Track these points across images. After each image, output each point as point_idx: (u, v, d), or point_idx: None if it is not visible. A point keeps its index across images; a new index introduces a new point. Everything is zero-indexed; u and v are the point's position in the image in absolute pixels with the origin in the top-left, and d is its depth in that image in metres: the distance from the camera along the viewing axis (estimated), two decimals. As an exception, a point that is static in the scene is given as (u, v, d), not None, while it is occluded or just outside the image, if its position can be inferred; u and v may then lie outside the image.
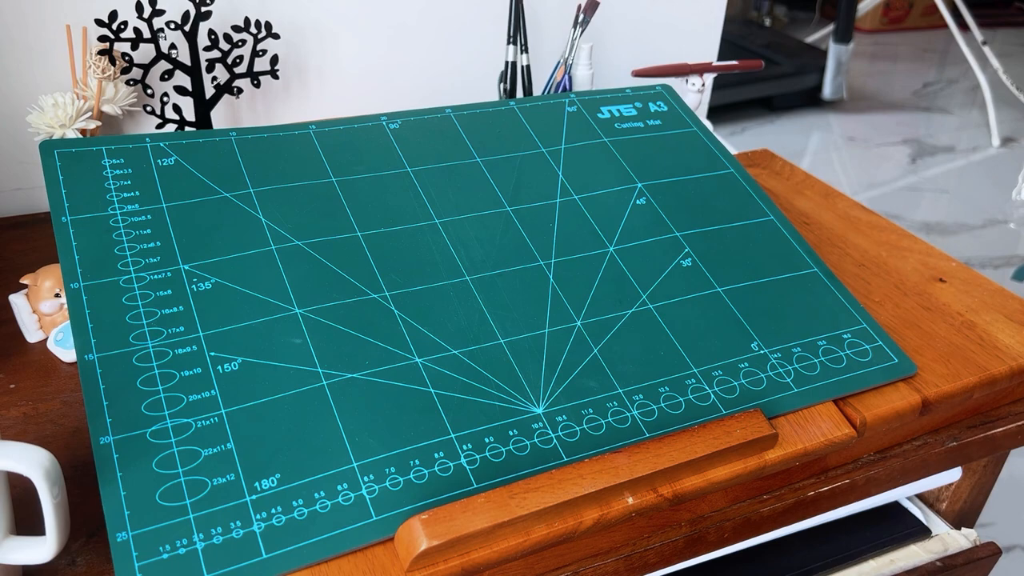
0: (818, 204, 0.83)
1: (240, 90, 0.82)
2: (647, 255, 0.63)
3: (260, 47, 0.78)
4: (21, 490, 0.46)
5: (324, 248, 0.59)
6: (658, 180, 0.69)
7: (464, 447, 0.50)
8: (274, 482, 0.47)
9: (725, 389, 0.56)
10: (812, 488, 0.59)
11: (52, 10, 0.76)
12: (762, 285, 0.63)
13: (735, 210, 0.69)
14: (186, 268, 0.55)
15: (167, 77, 0.76)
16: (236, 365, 0.51)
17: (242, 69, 0.79)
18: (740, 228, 0.67)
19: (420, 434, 0.50)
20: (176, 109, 0.78)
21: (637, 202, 0.67)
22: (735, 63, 0.91)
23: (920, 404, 0.58)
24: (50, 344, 0.62)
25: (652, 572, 0.56)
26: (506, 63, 0.87)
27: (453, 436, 0.51)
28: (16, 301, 0.64)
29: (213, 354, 0.52)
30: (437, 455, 0.50)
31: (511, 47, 0.87)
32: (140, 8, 0.73)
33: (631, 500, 0.50)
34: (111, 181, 0.59)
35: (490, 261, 0.61)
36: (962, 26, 2.60)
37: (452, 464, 0.49)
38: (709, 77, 0.95)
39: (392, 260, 0.59)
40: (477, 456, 0.50)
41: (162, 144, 0.62)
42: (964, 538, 0.70)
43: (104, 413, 0.48)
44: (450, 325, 0.56)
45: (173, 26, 0.75)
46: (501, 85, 0.89)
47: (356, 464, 0.48)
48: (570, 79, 0.88)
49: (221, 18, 0.80)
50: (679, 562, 0.57)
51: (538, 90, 0.94)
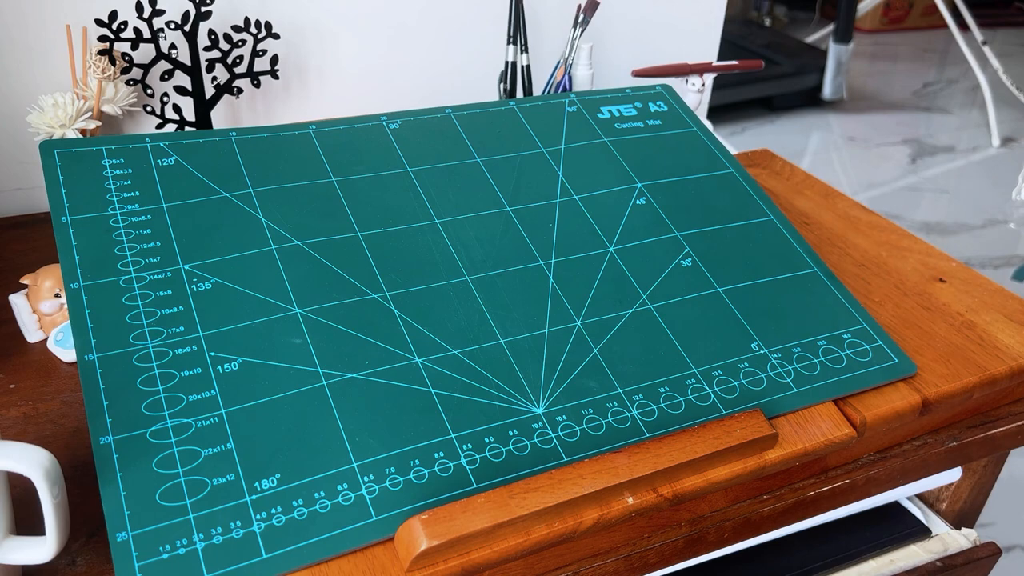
0: (818, 204, 0.83)
1: (240, 90, 0.82)
2: (647, 255, 0.63)
3: (260, 47, 0.78)
4: (21, 490, 0.46)
5: (324, 248, 0.59)
6: (658, 180, 0.69)
7: (464, 447, 0.50)
8: (274, 482, 0.47)
9: (725, 389, 0.56)
10: (812, 488, 0.59)
11: (52, 10, 0.76)
12: (762, 285, 0.63)
13: (735, 210, 0.69)
14: (186, 268, 0.55)
15: (167, 77, 0.76)
16: (236, 365, 0.51)
17: (242, 69, 0.79)
18: (740, 228, 0.67)
19: (420, 434, 0.50)
20: (176, 109, 0.78)
21: (637, 202, 0.67)
22: (735, 63, 0.91)
23: (920, 404, 0.58)
24: (50, 344, 0.62)
25: (652, 572, 0.56)
26: (506, 63, 0.87)
27: (453, 436, 0.51)
28: (16, 301, 0.64)
29: (213, 354, 0.52)
30: (437, 455, 0.50)
31: (511, 47, 0.87)
32: (140, 8, 0.73)
33: (631, 500, 0.50)
34: (111, 181, 0.59)
35: (490, 261, 0.61)
36: (962, 26, 2.60)
37: (452, 464, 0.49)
38: (709, 77, 0.95)
39: (392, 260, 0.59)
40: (477, 456, 0.50)
41: (162, 144, 0.62)
42: (964, 538, 0.70)
43: (104, 413, 0.48)
44: (450, 325, 0.56)
45: (173, 26, 0.75)
46: (501, 85, 0.89)
47: (356, 464, 0.48)
48: (570, 79, 0.88)
49: (221, 18, 0.80)
50: (679, 562, 0.57)
51: (538, 90, 0.94)
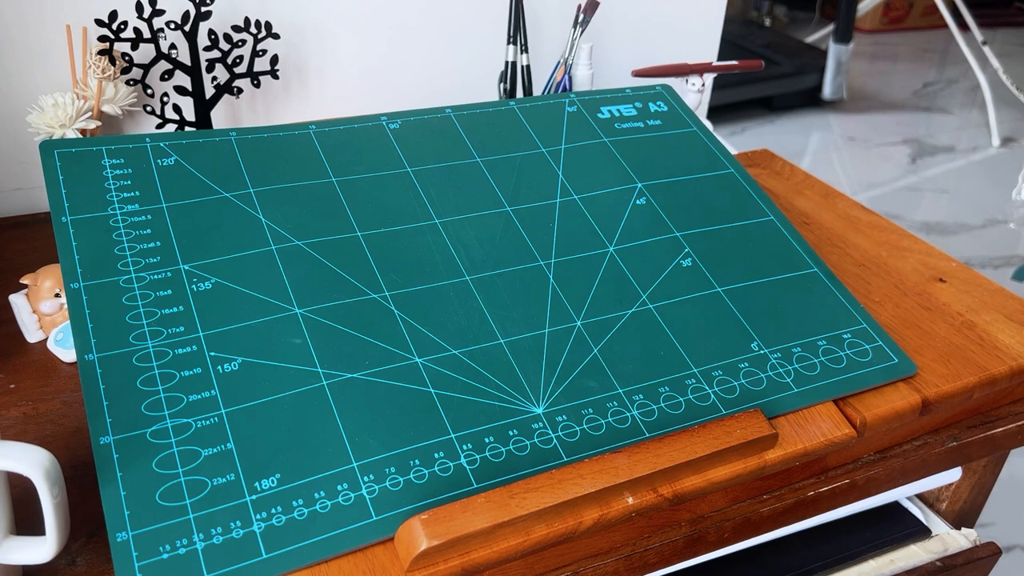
0: (818, 204, 0.83)
1: (240, 90, 0.82)
2: (647, 255, 0.63)
3: (260, 47, 0.78)
4: (21, 490, 0.46)
5: (324, 248, 0.59)
6: (658, 180, 0.69)
7: (464, 447, 0.50)
8: (274, 482, 0.47)
9: (725, 389, 0.56)
10: (812, 488, 0.59)
11: (52, 10, 0.76)
12: (762, 285, 0.63)
13: (735, 210, 0.69)
14: (186, 268, 0.55)
15: (167, 77, 0.76)
16: (236, 365, 0.51)
17: (242, 69, 0.79)
18: (740, 228, 0.67)
19: (420, 434, 0.50)
20: (176, 109, 0.78)
21: (637, 202, 0.67)
22: (735, 63, 0.91)
23: (920, 404, 0.58)
24: (50, 344, 0.62)
25: (652, 572, 0.56)
26: (506, 63, 0.87)
27: (453, 436, 0.51)
28: (16, 301, 0.64)
29: (213, 354, 0.52)
30: (437, 455, 0.50)
31: (511, 47, 0.87)
32: (140, 8, 0.73)
33: (631, 500, 0.50)
34: (111, 181, 0.59)
35: (490, 261, 0.61)
36: (962, 26, 2.60)
37: (452, 464, 0.49)
38: (709, 77, 0.95)
39: (392, 260, 0.59)
40: (477, 456, 0.50)
41: (162, 144, 0.62)
42: (964, 538, 0.70)
43: (104, 413, 0.48)
44: (450, 325, 0.56)
45: (173, 26, 0.75)
46: (501, 85, 0.89)
47: (356, 464, 0.48)
48: (570, 79, 0.88)
49: (221, 18, 0.80)
50: (679, 562, 0.57)
51: (538, 90, 0.94)
